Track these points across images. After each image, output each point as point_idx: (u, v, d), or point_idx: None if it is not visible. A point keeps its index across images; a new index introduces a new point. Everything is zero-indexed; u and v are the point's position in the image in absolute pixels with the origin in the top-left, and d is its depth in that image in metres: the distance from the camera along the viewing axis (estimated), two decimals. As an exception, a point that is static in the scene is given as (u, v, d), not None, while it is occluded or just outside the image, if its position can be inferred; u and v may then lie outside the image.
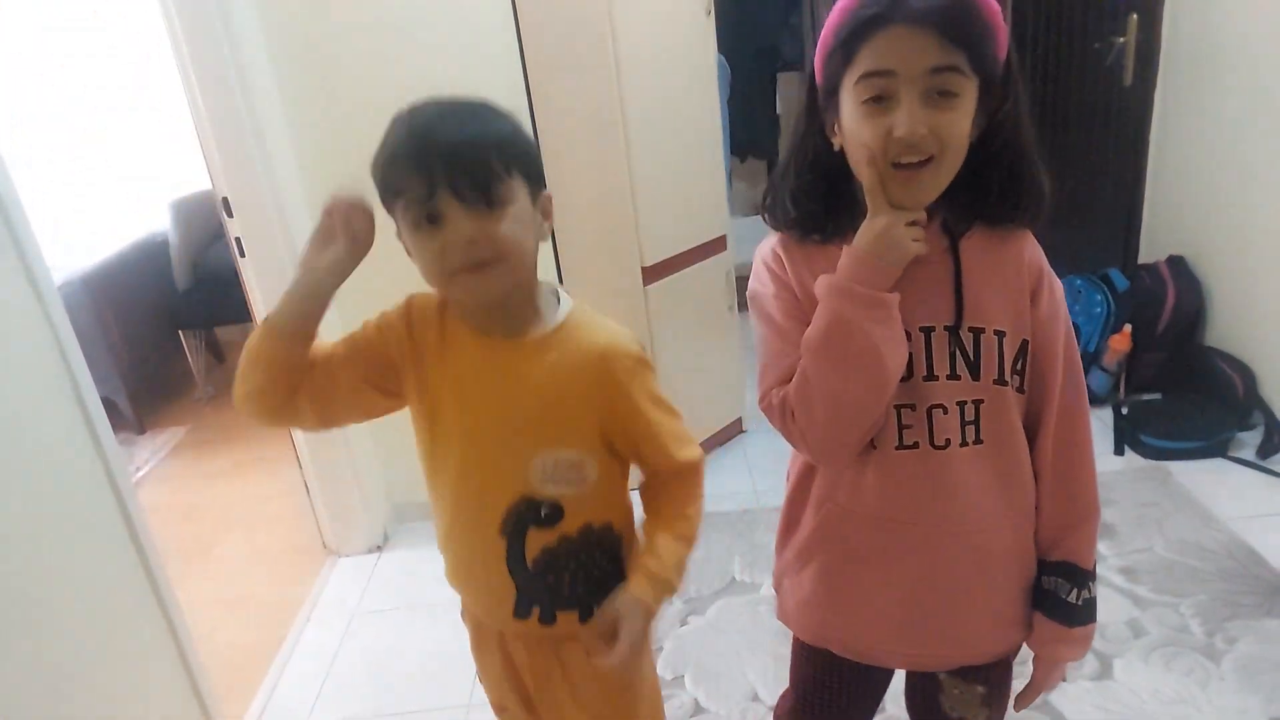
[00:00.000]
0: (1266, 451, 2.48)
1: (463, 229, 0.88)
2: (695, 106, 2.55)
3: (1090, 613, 1.00)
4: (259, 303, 2.27)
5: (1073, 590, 0.99)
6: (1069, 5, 2.85)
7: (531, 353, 0.98)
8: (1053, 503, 0.99)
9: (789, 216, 0.97)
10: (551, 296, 1.03)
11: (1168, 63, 2.86)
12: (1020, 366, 0.94)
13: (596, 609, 1.01)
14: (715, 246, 2.70)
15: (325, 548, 2.58)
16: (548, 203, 0.98)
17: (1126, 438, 2.62)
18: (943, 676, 1.08)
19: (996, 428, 0.95)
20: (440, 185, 0.87)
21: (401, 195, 0.89)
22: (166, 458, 3.42)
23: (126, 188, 3.98)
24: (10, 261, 1.41)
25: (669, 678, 1.89)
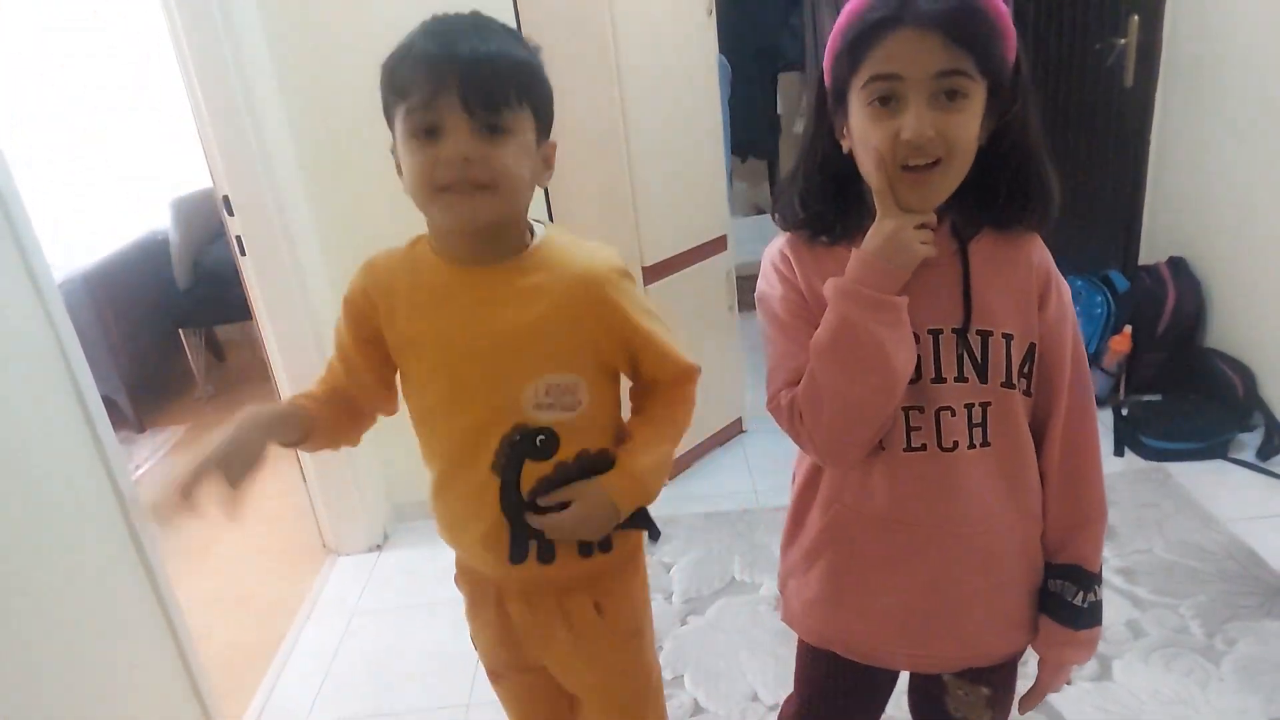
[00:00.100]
0: (1266, 453, 2.48)
1: (461, 145, 0.85)
2: (696, 106, 2.55)
3: (1096, 615, 1.00)
4: (259, 301, 2.27)
5: (1078, 593, 0.99)
6: (1070, 6, 2.85)
7: (512, 276, 0.96)
8: (1059, 506, 0.99)
9: (797, 218, 0.97)
10: (533, 227, 1.01)
11: (1168, 64, 2.85)
12: (1028, 369, 0.94)
13: (596, 542, 1.01)
14: (716, 246, 2.70)
15: (325, 547, 2.58)
16: (551, 151, 0.96)
17: (1126, 439, 2.62)
18: (947, 678, 1.08)
19: (1004, 430, 0.95)
20: (450, 92, 0.83)
21: (406, 98, 0.86)
22: (167, 456, 3.42)
23: (126, 188, 3.98)
24: (11, 260, 1.40)
25: (669, 678, 1.89)
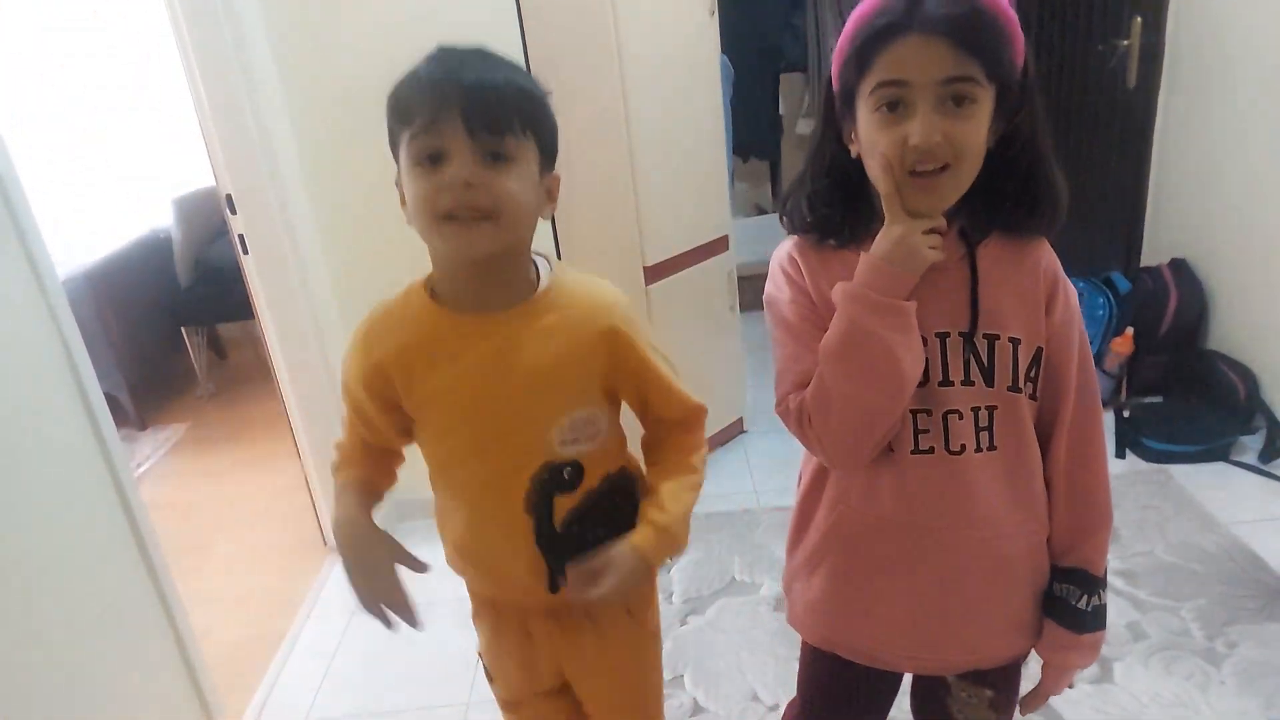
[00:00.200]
0: (1268, 455, 2.48)
1: (463, 169, 0.85)
2: (698, 107, 2.55)
3: (1100, 619, 1.00)
4: (261, 300, 2.27)
5: (1082, 596, 0.99)
6: (1072, 8, 2.85)
7: (527, 319, 0.96)
8: (1065, 509, 0.99)
9: (805, 221, 0.97)
10: (537, 265, 1.01)
11: (1171, 65, 2.85)
12: (1034, 373, 0.94)
13: None
14: (717, 246, 2.70)
15: (326, 544, 2.58)
16: (554, 184, 0.96)
17: (1128, 441, 2.62)
18: (951, 680, 1.08)
19: (1010, 434, 0.95)
20: (454, 119, 0.84)
21: (411, 123, 0.86)
22: (168, 454, 3.43)
23: (126, 187, 3.98)
24: (15, 257, 1.41)
25: (669, 678, 1.89)
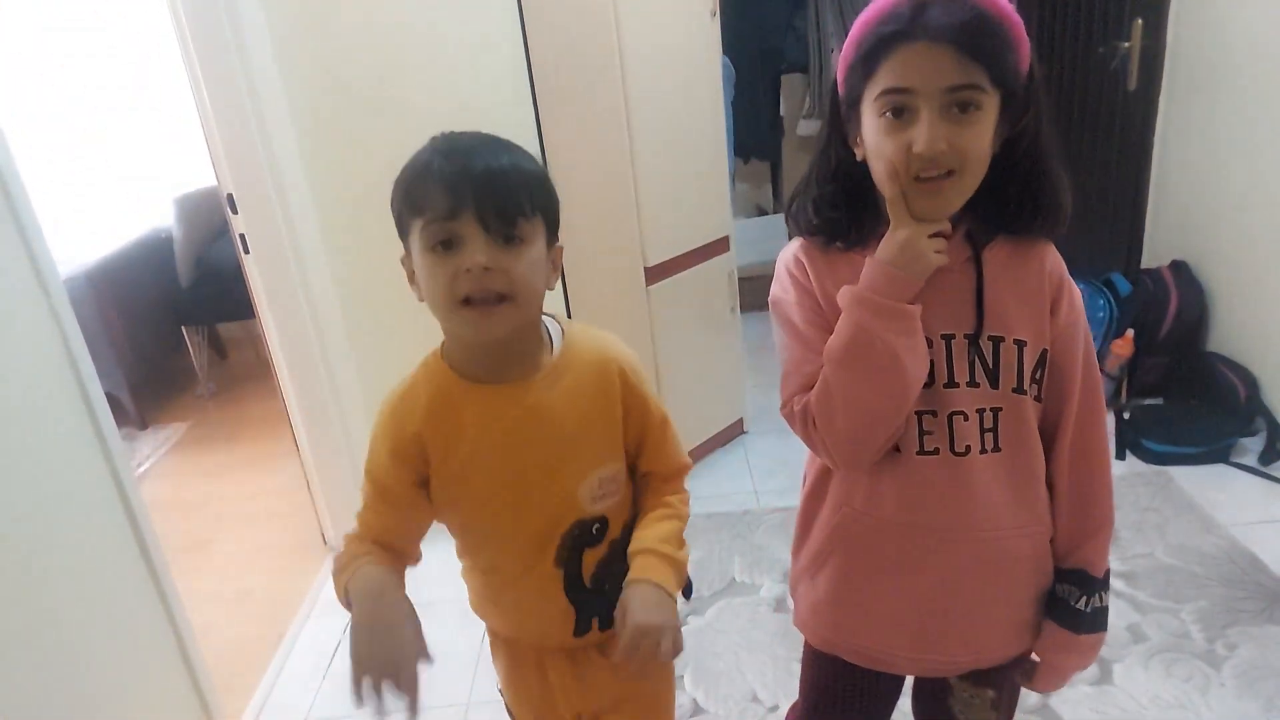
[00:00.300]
0: (1268, 457, 2.48)
1: (479, 255, 0.87)
2: (699, 108, 2.55)
3: (1099, 621, 1.00)
4: (262, 299, 2.28)
5: (1081, 597, 0.99)
6: (1073, 10, 2.85)
7: (550, 385, 0.99)
8: (1068, 511, 0.99)
9: (811, 224, 0.98)
10: (547, 328, 1.03)
11: (1172, 68, 2.85)
12: (1039, 375, 0.94)
13: None
14: (718, 247, 2.70)
15: (326, 544, 2.58)
16: (559, 255, 0.99)
17: (1128, 442, 2.62)
18: (953, 681, 1.08)
19: (1015, 436, 0.95)
20: (467, 208, 0.86)
21: (423, 213, 0.88)
22: (168, 453, 3.43)
23: (126, 187, 3.98)
24: (17, 256, 1.41)
25: (668, 678, 1.89)
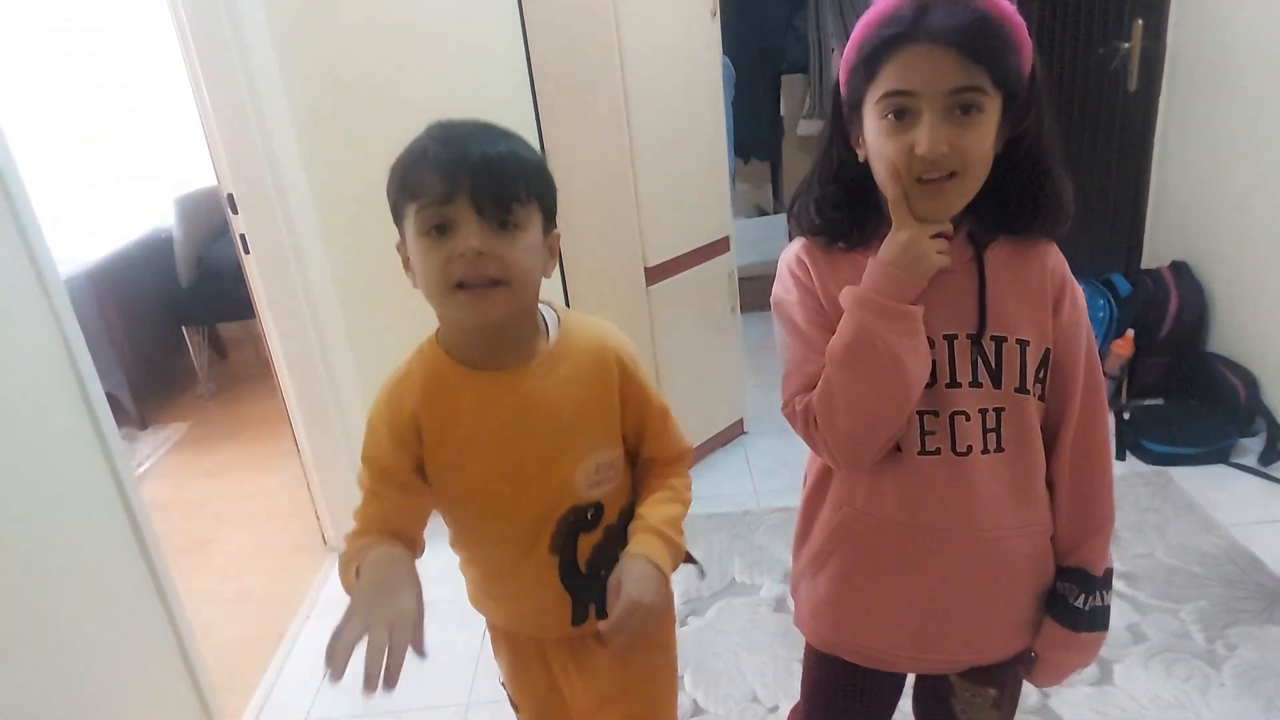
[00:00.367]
0: (1268, 458, 2.48)
1: (473, 240, 0.87)
2: (699, 108, 2.55)
3: (1098, 620, 1.00)
4: (262, 299, 2.28)
5: (1080, 595, 0.99)
6: (1073, 10, 2.85)
7: (546, 372, 0.99)
8: (1069, 510, 0.99)
9: (814, 224, 0.98)
10: (543, 315, 1.03)
11: (1172, 68, 2.85)
12: (1042, 375, 0.95)
13: None
14: (718, 248, 2.70)
15: (325, 544, 2.58)
16: (556, 242, 0.99)
17: (1128, 442, 2.62)
18: (954, 679, 1.09)
19: (1017, 435, 0.95)
20: (462, 193, 0.86)
21: (418, 198, 0.88)
22: (168, 453, 3.43)
23: (127, 187, 3.98)
24: (17, 256, 1.41)
25: (668, 678, 1.89)
